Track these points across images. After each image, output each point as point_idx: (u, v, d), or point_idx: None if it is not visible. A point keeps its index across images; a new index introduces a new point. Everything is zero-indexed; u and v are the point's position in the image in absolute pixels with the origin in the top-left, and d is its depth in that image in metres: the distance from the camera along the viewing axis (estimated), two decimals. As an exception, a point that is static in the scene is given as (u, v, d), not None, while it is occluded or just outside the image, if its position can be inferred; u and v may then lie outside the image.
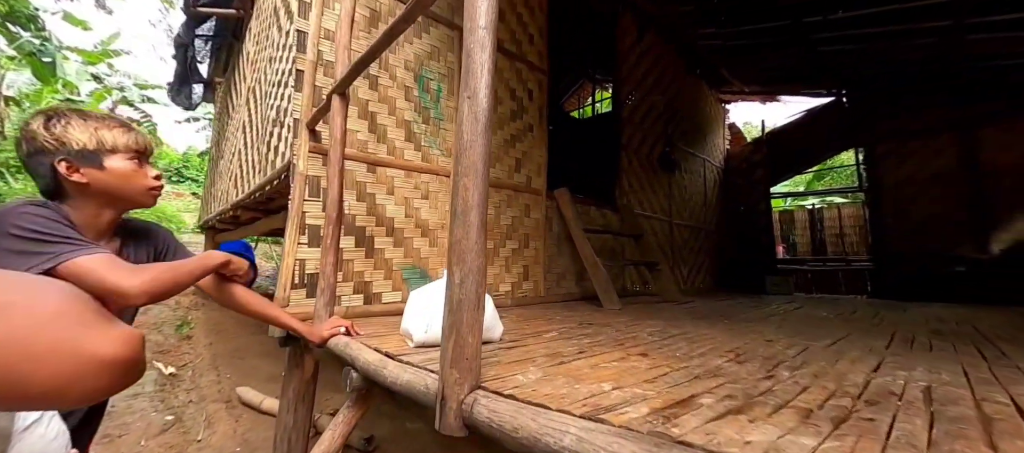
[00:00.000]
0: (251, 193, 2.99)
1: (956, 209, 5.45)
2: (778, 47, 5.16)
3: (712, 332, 1.81)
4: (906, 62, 5.04)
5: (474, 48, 0.99)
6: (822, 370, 1.10)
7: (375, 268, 2.43)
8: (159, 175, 1.03)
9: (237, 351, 4.35)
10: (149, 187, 1.00)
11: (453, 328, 0.89)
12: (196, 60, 4.83)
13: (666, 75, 5.47)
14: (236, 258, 1.30)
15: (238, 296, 1.34)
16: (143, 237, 1.15)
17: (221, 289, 1.31)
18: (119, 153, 0.96)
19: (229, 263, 1.25)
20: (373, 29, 2.59)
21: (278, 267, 8.88)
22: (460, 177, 0.95)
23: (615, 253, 4.28)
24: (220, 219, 4.46)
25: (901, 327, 2.10)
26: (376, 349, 1.31)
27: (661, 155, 5.28)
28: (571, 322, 2.15)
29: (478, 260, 0.92)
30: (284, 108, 2.47)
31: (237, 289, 1.34)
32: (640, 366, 1.14)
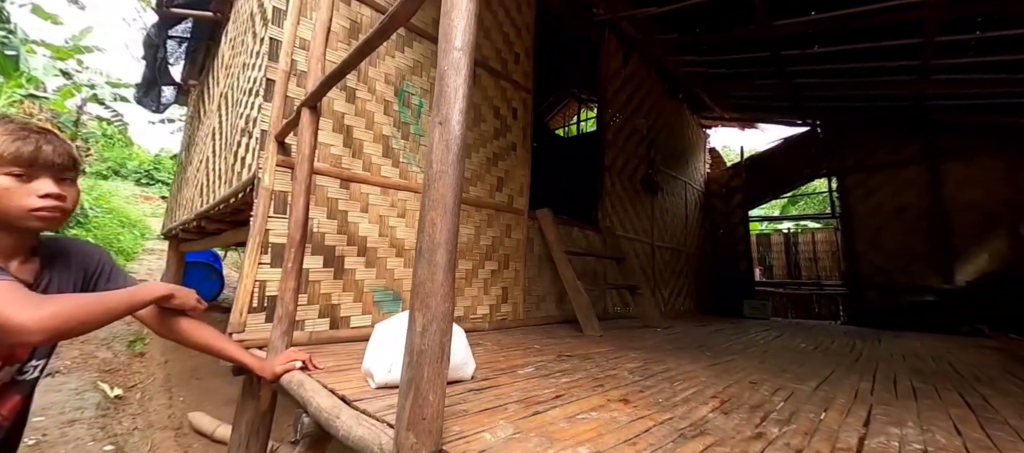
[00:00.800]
0: (215, 205, 2.81)
1: (923, 241, 5.65)
2: (757, 77, 5.31)
3: (695, 369, 1.74)
4: (876, 98, 5.25)
5: (448, 70, 0.91)
6: (812, 425, 1.04)
7: (344, 290, 2.29)
8: (56, 195, 0.84)
9: (195, 371, 4.05)
10: (29, 209, 0.81)
11: (412, 384, 0.78)
12: (167, 62, 4.62)
13: (649, 98, 5.55)
14: (181, 291, 1.15)
15: (182, 328, 1.20)
16: (70, 260, 1.00)
17: (161, 320, 1.17)
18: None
19: (171, 297, 1.11)
20: (353, 40, 2.50)
21: (248, 278, 8.41)
22: (427, 211, 0.86)
23: (597, 275, 4.22)
24: (184, 229, 4.21)
25: (880, 363, 2.08)
26: (332, 391, 1.19)
27: (644, 177, 5.31)
28: (549, 353, 2.05)
29: (444, 305, 0.82)
30: (253, 117, 2.33)
31: (181, 319, 1.20)
32: (620, 418, 1.05)
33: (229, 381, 3.92)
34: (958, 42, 3.65)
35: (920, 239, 5.68)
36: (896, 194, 5.93)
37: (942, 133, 5.55)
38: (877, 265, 5.96)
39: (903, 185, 5.89)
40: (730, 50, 4.81)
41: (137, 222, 9.43)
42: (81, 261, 1.03)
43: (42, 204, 0.83)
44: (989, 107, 4.82)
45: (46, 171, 0.84)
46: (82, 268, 1.03)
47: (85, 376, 3.63)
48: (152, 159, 14.66)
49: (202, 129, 4.38)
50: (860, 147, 6.20)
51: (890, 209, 5.96)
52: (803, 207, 13.29)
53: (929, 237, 5.60)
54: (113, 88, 12.37)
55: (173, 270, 5.45)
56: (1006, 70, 3.90)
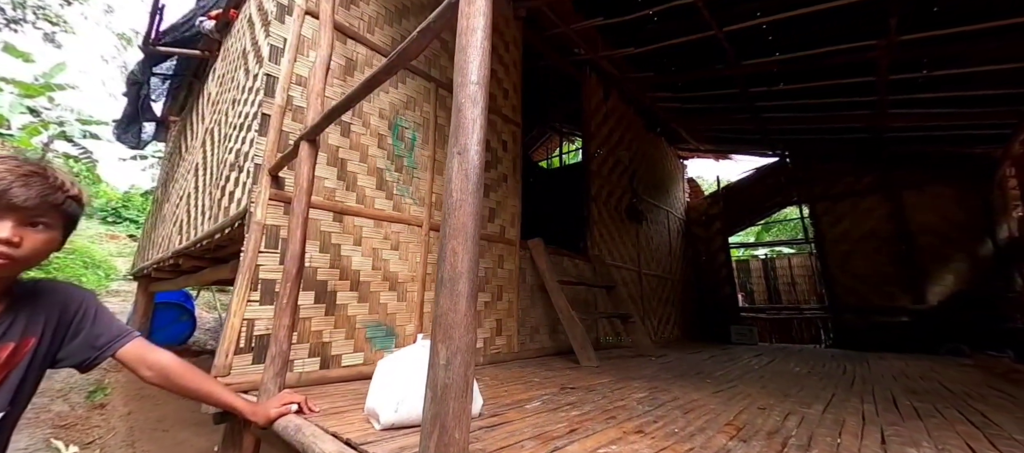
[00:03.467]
0: (198, 240, 2.70)
1: (891, 264, 5.92)
2: (729, 112, 5.64)
3: (701, 397, 1.72)
4: (839, 130, 5.63)
5: (465, 103, 0.93)
6: (832, 450, 1.03)
7: (336, 326, 2.20)
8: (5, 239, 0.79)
9: (161, 422, 3.74)
10: None
11: (436, 421, 0.75)
12: (150, 98, 4.55)
13: (629, 132, 5.78)
14: None
15: (167, 371, 1.12)
16: (42, 302, 0.93)
17: (145, 362, 1.09)
18: None
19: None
20: (348, 77, 2.53)
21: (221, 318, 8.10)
22: (448, 240, 0.85)
23: (588, 304, 4.21)
24: (158, 267, 4.01)
25: (875, 384, 2.12)
26: (335, 435, 1.11)
27: (629, 206, 5.44)
28: (552, 386, 2.00)
29: (467, 335, 0.80)
30: (245, 152, 2.30)
31: (166, 361, 1.12)
32: (641, 451, 1.02)
33: (198, 432, 3.64)
34: (908, 80, 4.00)
35: (888, 263, 5.95)
36: (862, 220, 6.25)
37: (899, 163, 5.96)
38: (852, 288, 6.18)
39: (867, 212, 6.22)
40: (703, 87, 5.12)
41: (102, 262, 8.92)
42: (57, 303, 0.96)
43: None
44: (939, 138, 5.23)
45: (9, 214, 0.80)
46: (58, 310, 0.96)
47: (36, 433, 3.29)
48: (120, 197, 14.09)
49: (183, 165, 4.27)
50: (826, 176, 6.57)
51: (858, 235, 6.26)
52: (777, 233, 13.80)
53: (896, 261, 5.88)
54: (83, 125, 12.01)
55: (141, 311, 5.13)
56: (951, 105, 4.28)
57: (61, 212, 0.87)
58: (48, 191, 0.84)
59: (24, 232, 0.81)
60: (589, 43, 4.63)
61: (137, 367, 1.09)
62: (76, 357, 0.99)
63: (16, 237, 0.79)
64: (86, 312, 1.01)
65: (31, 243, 0.82)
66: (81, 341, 0.99)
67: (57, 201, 0.85)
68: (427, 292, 2.67)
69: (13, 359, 0.87)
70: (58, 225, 0.88)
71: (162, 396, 4.13)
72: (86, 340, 1.00)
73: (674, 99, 5.65)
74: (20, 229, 0.80)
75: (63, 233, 0.90)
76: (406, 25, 2.95)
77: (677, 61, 4.71)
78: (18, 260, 0.81)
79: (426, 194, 2.81)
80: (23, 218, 0.81)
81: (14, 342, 0.87)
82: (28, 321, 0.89)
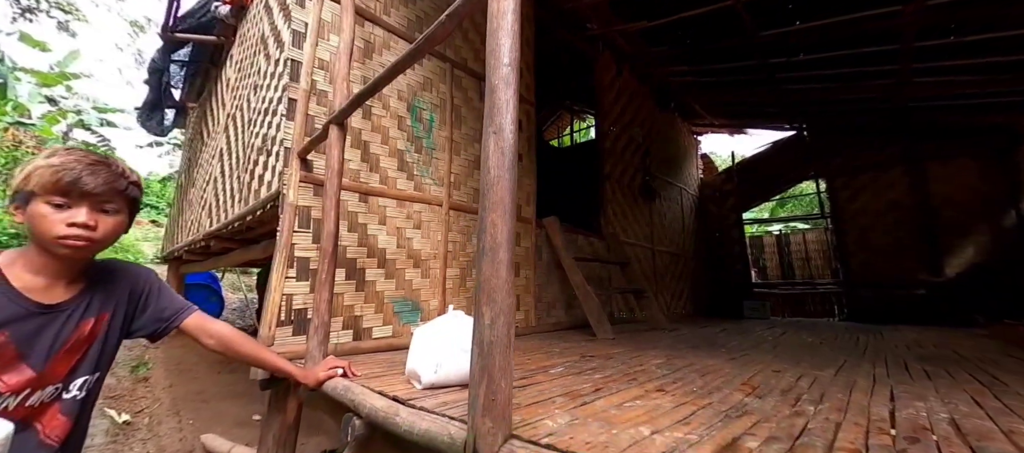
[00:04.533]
0: (230, 222, 2.83)
1: (910, 238, 5.85)
2: (745, 85, 5.52)
3: (717, 363, 1.81)
4: (859, 101, 5.49)
5: (499, 85, 0.99)
6: (843, 403, 1.11)
7: (366, 301, 2.32)
8: (82, 224, 0.86)
9: (200, 394, 3.99)
10: (57, 236, 0.84)
11: (484, 372, 0.84)
12: (170, 85, 4.65)
13: (642, 109, 5.72)
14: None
15: (226, 339, 1.23)
16: (116, 281, 1.03)
17: (206, 332, 1.20)
18: (37, 195, 0.85)
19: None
20: (367, 60, 2.58)
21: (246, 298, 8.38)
22: (487, 212, 0.93)
23: (602, 281, 4.29)
24: (189, 250, 4.19)
25: (888, 352, 2.18)
26: (382, 393, 1.23)
27: (642, 184, 5.44)
28: (572, 355, 2.10)
29: (509, 298, 0.89)
30: (272, 136, 2.39)
31: (224, 330, 1.23)
32: (664, 404, 1.11)
33: (235, 403, 3.88)
34: (933, 47, 3.87)
35: (907, 236, 5.88)
36: (882, 193, 6.15)
37: (922, 134, 5.81)
38: (868, 262, 6.14)
39: (888, 185, 6.11)
40: (719, 59, 5.01)
41: (130, 247, 9.26)
42: (127, 281, 1.06)
43: (68, 233, 0.85)
44: (964, 108, 5.08)
45: (83, 200, 0.87)
46: (128, 287, 1.06)
47: (90, 403, 3.55)
48: (140, 183, 14.43)
49: (206, 150, 4.40)
50: (846, 149, 6.44)
51: (877, 208, 6.17)
52: (792, 208, 13.59)
53: (916, 234, 5.81)
54: (100, 113, 12.26)
55: (173, 293, 5.37)
56: (978, 73, 4.14)
57: (126, 197, 0.95)
58: (113, 178, 0.91)
59: (98, 217, 0.89)
60: (602, 18, 4.56)
61: (199, 336, 1.20)
62: (147, 329, 1.10)
63: (92, 221, 0.87)
64: (151, 289, 1.11)
65: (104, 226, 0.90)
66: (150, 315, 1.09)
67: (121, 187, 0.93)
68: (449, 269, 2.78)
69: (95, 332, 0.98)
70: (124, 209, 0.96)
71: (200, 370, 4.39)
72: (154, 314, 1.10)
73: (689, 73, 5.56)
74: (94, 214, 0.88)
75: (128, 216, 0.99)
76: (421, 5, 2.96)
77: (692, 34, 4.62)
78: (95, 242, 0.89)
79: (445, 174, 2.88)
80: (95, 204, 0.88)
81: (94, 317, 0.96)
82: (103, 298, 0.99)
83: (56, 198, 0.84)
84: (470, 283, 2.93)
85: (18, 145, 10.07)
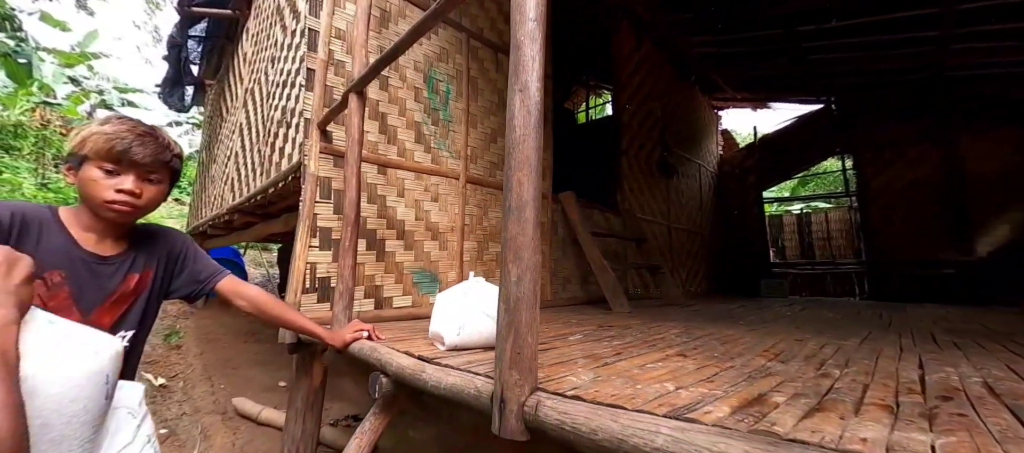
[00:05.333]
0: (252, 196, 2.90)
1: (939, 214, 5.64)
2: (770, 55, 5.30)
3: (736, 333, 1.80)
4: (892, 72, 5.22)
5: (524, 41, 0.97)
6: (869, 368, 1.10)
7: (386, 272, 2.37)
8: (129, 191, 0.92)
9: (229, 361, 4.19)
10: (104, 200, 0.90)
11: (511, 327, 0.85)
12: (189, 61, 4.70)
13: (661, 82, 5.55)
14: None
15: (259, 301, 1.28)
16: (157, 243, 1.09)
17: (240, 294, 1.25)
18: (90, 160, 0.90)
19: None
20: (384, 29, 2.55)
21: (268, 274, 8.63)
22: (513, 171, 0.92)
23: (618, 256, 4.28)
24: (213, 225, 4.32)
25: (913, 326, 2.13)
26: (408, 353, 1.26)
27: (659, 160, 5.34)
28: (589, 325, 2.12)
29: (535, 256, 0.89)
30: (291, 108, 2.40)
31: (256, 293, 1.28)
32: (687, 366, 1.12)
33: (262, 370, 4.06)
34: (978, 9, 3.62)
35: (937, 212, 5.67)
36: (911, 168, 5.91)
37: (957, 106, 5.51)
38: (894, 240, 5.96)
39: (916, 160, 5.87)
40: (744, 28, 4.80)
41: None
42: (166, 245, 1.11)
43: (116, 198, 0.91)
44: (1006, 78, 4.78)
45: (131, 169, 0.92)
46: (166, 249, 1.11)
47: (128, 368, 3.77)
48: (162, 162, 14.78)
49: (226, 126, 4.47)
50: (875, 123, 6.17)
51: (906, 184, 5.95)
52: (814, 187, 13.19)
53: (946, 210, 5.60)
54: (121, 93, 12.51)
55: (199, 266, 5.57)
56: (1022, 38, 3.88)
57: (169, 168, 1.01)
58: (160, 149, 0.97)
59: (143, 186, 0.95)
60: (622, -15, 4.39)
61: (233, 298, 1.25)
62: (184, 290, 1.16)
63: (138, 189, 0.93)
64: (188, 252, 1.16)
65: (148, 194, 0.96)
66: (186, 276, 1.15)
67: (166, 158, 0.99)
68: (466, 242, 2.80)
69: (140, 287, 1.04)
70: (166, 179, 1.01)
71: (228, 339, 4.59)
72: (190, 275, 1.15)
73: (712, 43, 5.35)
74: (140, 183, 0.94)
75: (169, 185, 1.04)
76: (436, -27, 2.88)
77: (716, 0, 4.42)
78: (139, 208, 0.95)
79: (462, 147, 2.87)
80: (141, 173, 0.94)
81: (138, 273, 1.03)
82: (146, 256, 1.05)
83: (107, 164, 0.90)
84: (487, 257, 2.96)
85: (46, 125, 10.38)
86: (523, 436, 0.82)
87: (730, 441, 0.55)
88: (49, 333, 0.62)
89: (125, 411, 0.82)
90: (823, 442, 0.53)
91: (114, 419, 0.79)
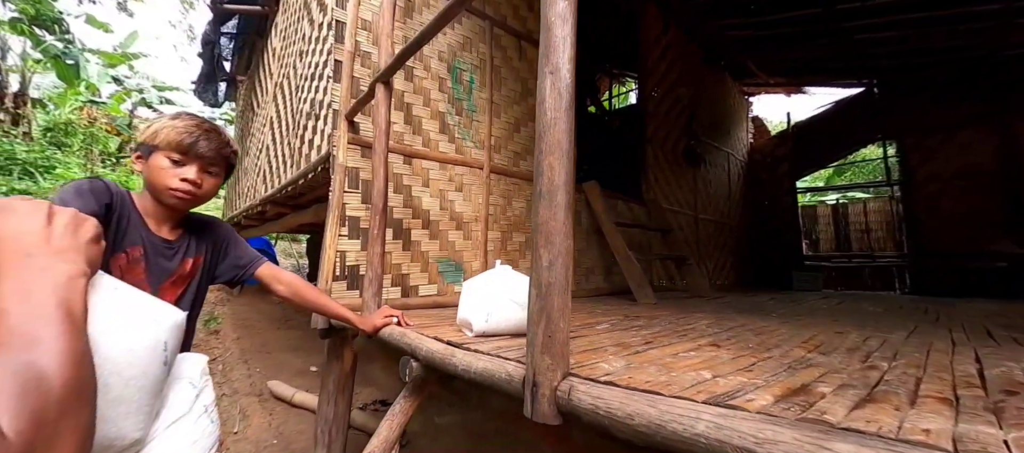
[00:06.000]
0: (284, 186, 2.99)
1: (992, 204, 5.26)
2: (807, 37, 5.02)
3: (770, 325, 1.74)
4: (943, 52, 4.86)
5: (555, 22, 0.95)
6: (920, 361, 1.04)
7: (412, 261, 2.41)
8: (192, 181, 0.99)
9: (264, 346, 4.38)
10: (169, 187, 0.97)
11: (543, 312, 0.85)
12: (222, 57, 4.87)
13: (688, 68, 5.37)
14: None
15: (295, 287, 1.34)
16: (205, 230, 1.16)
17: (278, 279, 1.31)
18: (160, 150, 0.97)
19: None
20: (408, 19, 2.56)
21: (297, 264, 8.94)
22: (544, 156, 0.91)
23: (643, 247, 4.20)
24: (247, 215, 4.49)
25: (963, 320, 2.01)
26: (437, 338, 1.28)
27: (686, 149, 5.19)
28: (616, 315, 2.10)
29: (566, 241, 0.88)
30: (320, 100, 2.45)
31: (293, 279, 1.34)
32: (722, 356, 1.09)
33: (294, 354, 4.22)
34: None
35: (989, 202, 5.29)
36: (959, 155, 5.52)
37: (1015, 87, 5.09)
38: (939, 231, 5.61)
39: (966, 146, 5.47)
40: (779, 8, 4.57)
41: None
42: (213, 233, 1.19)
43: (179, 186, 0.98)
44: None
45: (196, 161, 1.00)
46: (214, 237, 1.18)
47: (172, 350, 4.00)
48: (198, 156, 15.46)
49: (257, 120, 4.62)
50: (922, 107, 5.78)
51: (952, 172, 5.56)
52: (851, 176, 12.54)
53: (1000, 200, 5.21)
54: (159, 91, 13.12)
55: (234, 256, 5.84)
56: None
57: (227, 162, 1.08)
58: (221, 145, 1.04)
59: (204, 177, 1.02)
60: (648, -33, 4.24)
61: (271, 283, 1.31)
62: (227, 275, 1.23)
63: (199, 179, 1.00)
64: (231, 240, 1.24)
65: (207, 185, 1.04)
66: (229, 263, 1.22)
67: (226, 153, 1.06)
68: (490, 231, 2.81)
69: (193, 271, 1.10)
70: (222, 173, 1.09)
71: (262, 325, 4.79)
72: (232, 262, 1.22)
73: (743, 26, 5.12)
74: (201, 174, 1.01)
75: (224, 179, 1.11)
76: (459, -39, 2.87)
77: (749, -20, 4.22)
78: (198, 196, 1.03)
79: (485, 137, 2.87)
80: (203, 165, 1.01)
81: (193, 258, 1.10)
82: (198, 243, 1.12)
83: (175, 155, 0.97)
84: (511, 247, 2.96)
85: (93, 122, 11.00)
86: (556, 420, 0.82)
87: (778, 429, 0.53)
88: (112, 298, 0.65)
89: (186, 381, 0.87)
90: (881, 432, 0.51)
91: (173, 388, 0.83)
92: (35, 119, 9.70)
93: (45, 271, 0.34)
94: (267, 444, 2.65)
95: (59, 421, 0.26)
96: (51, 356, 0.28)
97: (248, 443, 2.67)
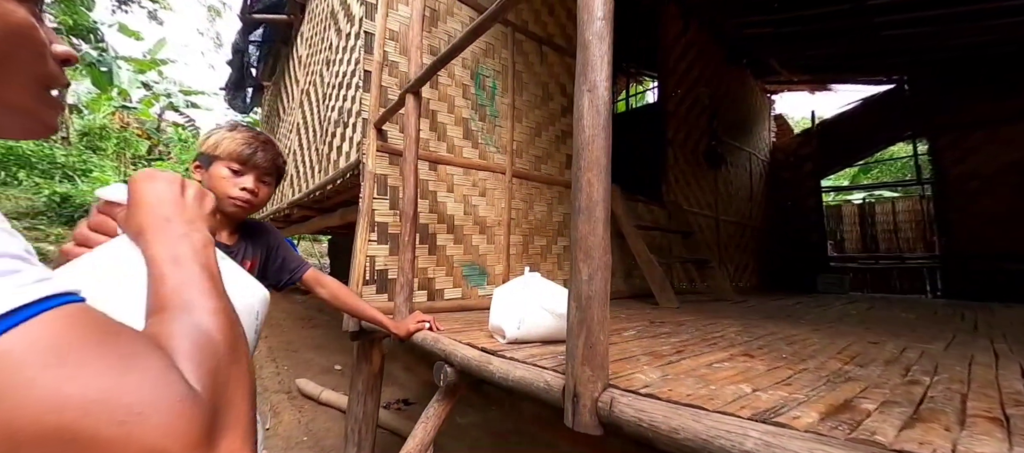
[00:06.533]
0: (312, 191, 3.08)
1: (1034, 202, 5.02)
2: (835, 33, 4.89)
3: (801, 332, 1.72)
4: (978, 47, 4.67)
5: (592, 40, 0.97)
6: (962, 375, 1.02)
7: (437, 265, 2.46)
8: (251, 189, 1.05)
9: (290, 344, 4.52)
10: (229, 195, 1.03)
11: (583, 325, 0.87)
12: (250, 65, 5.03)
13: (709, 67, 5.29)
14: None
15: (336, 291, 1.41)
16: (259, 235, 1.24)
17: (320, 283, 1.38)
18: (221, 160, 1.03)
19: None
20: (433, 28, 2.61)
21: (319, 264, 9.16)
22: (583, 172, 0.93)
23: (664, 250, 4.17)
24: (272, 218, 4.64)
25: (1005, 329, 1.94)
26: (471, 344, 1.32)
27: (707, 149, 5.12)
28: (641, 321, 2.10)
29: (605, 256, 0.90)
30: (348, 108, 2.52)
31: (333, 283, 1.41)
32: (756, 367, 1.09)
33: (319, 353, 4.34)
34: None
35: (1031, 202, 5.05)
36: (999, 153, 5.28)
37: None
38: (976, 232, 5.39)
39: (1008, 142, 5.23)
40: (804, 4, 4.46)
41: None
42: (267, 237, 1.27)
43: (239, 195, 1.04)
44: None
45: (253, 171, 1.06)
46: (266, 241, 1.26)
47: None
48: (223, 159, 15.96)
49: (283, 125, 4.76)
50: (956, 103, 5.56)
51: (992, 170, 5.33)
52: (877, 175, 12.14)
53: (1042, 199, 4.98)
54: (186, 96, 13.59)
55: (261, 256, 6.02)
56: None
57: (279, 173, 1.15)
58: (276, 156, 1.11)
59: (259, 186, 1.09)
60: (669, -34, 4.20)
61: (315, 287, 1.38)
62: (276, 278, 1.30)
63: (256, 188, 1.07)
64: (280, 244, 1.31)
65: (262, 193, 1.10)
66: (278, 266, 1.30)
67: (280, 164, 1.14)
68: (512, 235, 2.84)
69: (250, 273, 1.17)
70: (274, 183, 1.15)
71: (288, 324, 4.94)
72: (284, 265, 1.31)
73: (767, 23, 5.01)
74: (257, 183, 1.08)
75: (275, 188, 1.17)
76: (483, -32, 2.90)
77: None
78: (254, 205, 1.09)
79: (507, 142, 2.90)
80: (259, 175, 1.08)
81: (249, 261, 1.16)
82: (253, 247, 1.19)
83: (235, 165, 1.04)
84: (532, 250, 2.99)
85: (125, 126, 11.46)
86: (597, 431, 0.85)
87: (830, 449, 0.54)
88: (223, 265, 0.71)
89: None
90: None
91: None
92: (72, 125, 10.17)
93: (184, 237, 0.37)
94: (297, 440, 2.75)
95: (229, 376, 0.29)
96: (209, 317, 0.32)
97: (280, 439, 2.77)
